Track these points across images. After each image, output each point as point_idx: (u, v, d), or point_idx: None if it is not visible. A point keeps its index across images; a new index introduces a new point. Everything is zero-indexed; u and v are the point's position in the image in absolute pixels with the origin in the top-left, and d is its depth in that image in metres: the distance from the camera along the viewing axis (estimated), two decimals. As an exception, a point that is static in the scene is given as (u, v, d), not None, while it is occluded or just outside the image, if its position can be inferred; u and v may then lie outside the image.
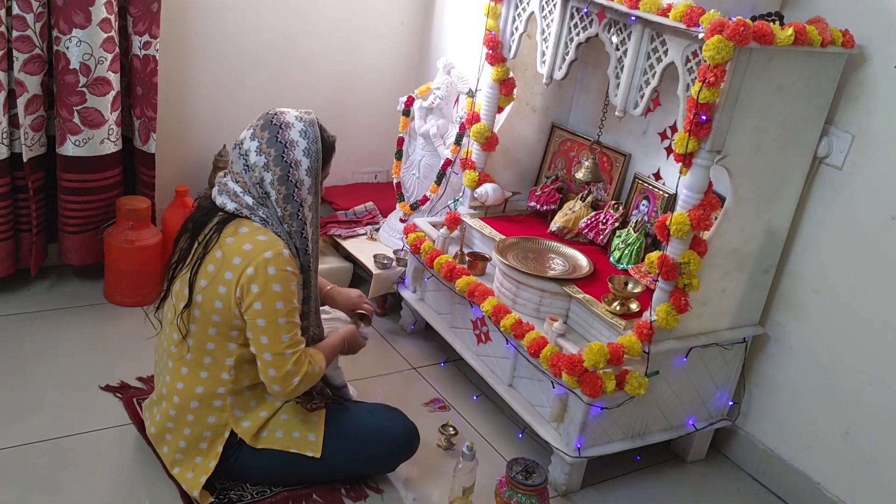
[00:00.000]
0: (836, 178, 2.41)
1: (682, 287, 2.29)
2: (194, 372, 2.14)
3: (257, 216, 2.07)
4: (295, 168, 2.06)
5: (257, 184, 2.07)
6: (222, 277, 2.04)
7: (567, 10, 2.55)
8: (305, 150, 2.07)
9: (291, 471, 2.23)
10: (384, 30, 3.75)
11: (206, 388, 2.14)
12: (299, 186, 2.07)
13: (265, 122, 2.09)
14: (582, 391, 2.29)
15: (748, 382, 2.70)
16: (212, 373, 2.13)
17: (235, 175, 2.11)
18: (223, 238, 2.07)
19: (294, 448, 2.19)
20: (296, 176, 2.07)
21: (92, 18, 2.78)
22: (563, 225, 2.92)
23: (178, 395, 2.15)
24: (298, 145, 2.06)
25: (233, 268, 2.03)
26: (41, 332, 2.84)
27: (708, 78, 2.04)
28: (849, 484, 2.45)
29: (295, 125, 2.08)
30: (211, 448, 2.18)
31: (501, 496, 2.26)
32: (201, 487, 2.14)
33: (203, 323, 2.09)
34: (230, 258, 2.04)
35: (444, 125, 3.32)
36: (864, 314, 2.38)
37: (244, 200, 2.08)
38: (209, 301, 2.06)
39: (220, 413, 2.15)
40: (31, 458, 2.27)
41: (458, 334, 2.85)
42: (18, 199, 2.94)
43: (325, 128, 2.16)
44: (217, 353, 2.12)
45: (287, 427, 2.20)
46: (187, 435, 2.17)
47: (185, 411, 2.15)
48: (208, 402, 2.14)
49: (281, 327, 2.04)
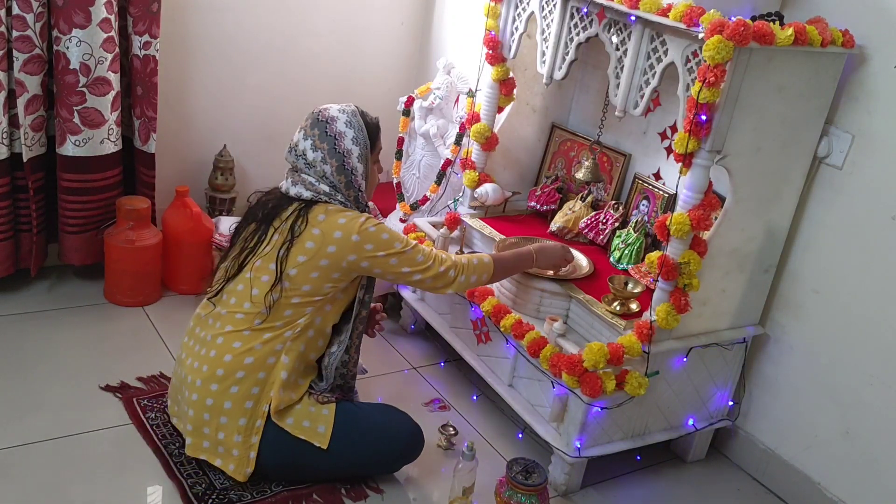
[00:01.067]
0: (836, 178, 2.41)
1: (682, 287, 2.29)
2: (258, 334, 2.20)
3: (336, 200, 2.24)
4: (348, 157, 2.24)
5: (323, 176, 2.24)
6: (324, 251, 2.18)
7: (567, 10, 2.55)
8: (354, 138, 2.25)
9: (298, 461, 2.25)
10: (384, 30, 3.75)
11: (265, 346, 2.20)
12: (355, 173, 2.26)
13: (312, 120, 2.27)
14: (582, 391, 2.29)
15: (748, 382, 2.70)
16: (276, 333, 2.21)
17: (301, 173, 2.26)
18: (313, 218, 2.21)
19: (304, 436, 2.22)
20: (350, 164, 2.25)
21: (92, 18, 2.78)
22: (563, 225, 2.92)
23: (231, 353, 2.19)
24: (346, 136, 2.25)
25: (335, 241, 2.18)
26: (41, 332, 2.85)
27: (708, 78, 2.04)
28: (849, 484, 2.45)
29: (339, 118, 2.26)
30: (250, 423, 2.20)
31: (501, 496, 2.26)
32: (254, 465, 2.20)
33: (289, 293, 2.20)
34: (330, 233, 2.18)
35: (444, 125, 3.32)
36: (864, 314, 2.38)
37: (320, 188, 2.24)
38: (305, 273, 2.19)
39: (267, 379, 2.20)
40: (31, 458, 2.27)
41: (458, 334, 2.85)
42: (18, 199, 2.94)
43: (366, 112, 2.33)
44: (292, 317, 2.23)
45: (299, 415, 2.23)
46: (234, 393, 2.19)
47: (237, 368, 2.19)
48: (263, 359, 2.19)
49: (409, 254, 2.25)
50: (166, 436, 2.40)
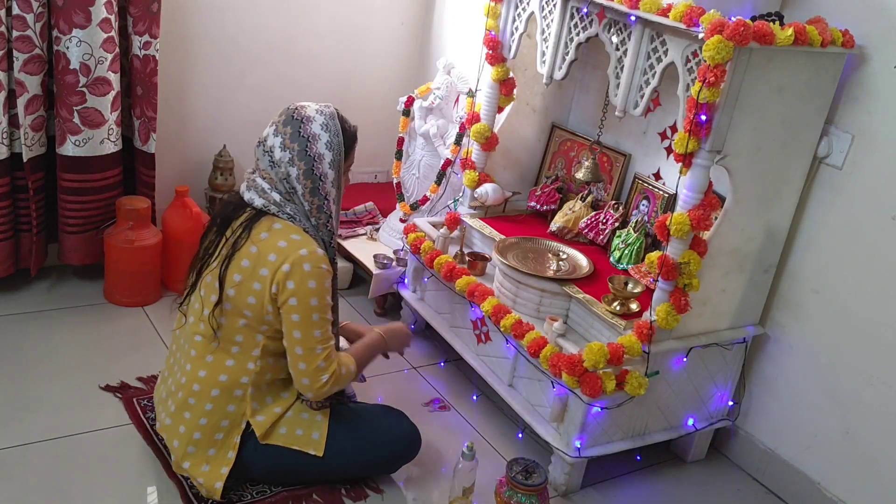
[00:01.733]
0: (836, 178, 2.41)
1: (682, 287, 2.29)
2: (220, 360, 2.16)
3: (285, 212, 2.10)
4: (318, 162, 2.10)
5: (284, 179, 2.10)
6: (257, 273, 2.06)
7: (567, 10, 2.55)
8: (328, 143, 2.11)
9: (293, 468, 2.23)
10: (384, 30, 3.75)
11: (229, 377, 2.15)
12: (324, 180, 2.11)
13: (287, 117, 2.12)
14: (582, 391, 2.29)
15: (748, 382, 2.70)
16: (238, 361, 2.15)
17: (262, 172, 2.14)
18: (256, 234, 2.09)
19: (297, 446, 2.19)
20: (320, 169, 2.10)
21: (92, 18, 2.78)
22: (563, 225, 2.92)
23: (199, 382, 2.15)
24: (321, 139, 2.10)
25: (268, 264, 2.05)
26: (41, 332, 2.84)
27: (708, 78, 2.04)
28: (849, 484, 2.45)
29: (316, 119, 2.12)
30: (227, 439, 2.17)
31: (501, 496, 2.26)
32: (224, 479, 2.14)
33: (234, 315, 2.12)
34: (265, 254, 2.06)
35: (444, 125, 3.32)
36: (864, 314, 2.38)
37: (272, 197, 2.11)
38: (242, 295, 2.09)
39: (240, 402, 2.16)
40: (31, 458, 2.27)
41: (458, 334, 2.85)
42: (18, 199, 2.94)
43: (346, 118, 2.20)
44: (245, 344, 2.14)
45: (291, 424, 2.20)
46: (203, 425, 2.16)
47: (205, 400, 2.15)
48: (230, 390, 2.15)
49: (314, 323, 2.07)
50: (166, 436, 2.40)
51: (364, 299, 3.33)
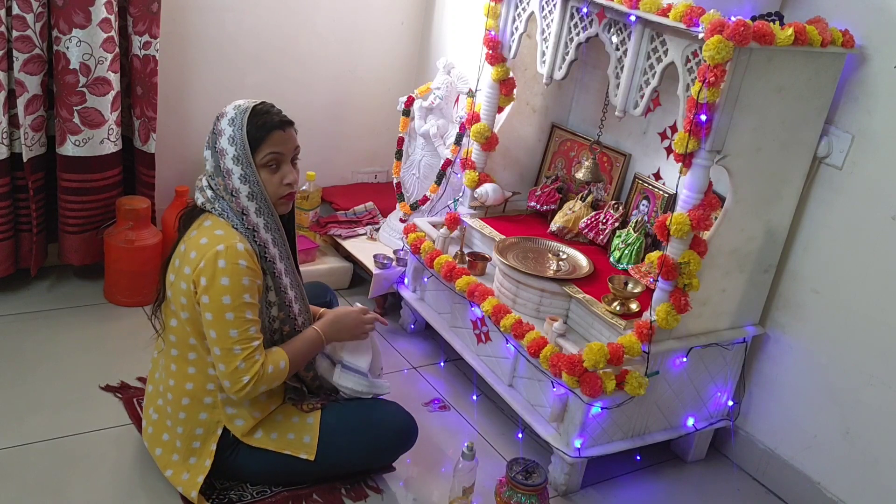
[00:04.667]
0: (836, 178, 2.41)
1: (682, 287, 2.29)
2: (182, 369, 2.15)
3: (215, 209, 2.08)
4: (222, 156, 2.06)
5: (210, 175, 2.10)
6: (182, 272, 2.05)
7: (567, 10, 2.55)
8: (230, 137, 2.05)
9: (288, 471, 2.23)
10: (384, 30, 3.75)
11: (195, 385, 2.14)
12: (229, 175, 2.05)
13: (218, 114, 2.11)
14: (582, 391, 2.29)
15: (748, 382, 2.70)
16: (199, 369, 2.14)
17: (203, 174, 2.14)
18: (189, 232, 2.09)
19: (288, 450, 2.18)
20: (224, 165, 2.06)
21: (92, 18, 2.78)
22: (563, 225, 2.92)
23: (170, 392, 2.16)
24: (224, 133, 2.06)
25: (189, 262, 2.03)
26: (41, 332, 2.84)
27: (708, 78, 2.05)
28: (849, 484, 2.45)
29: (228, 113, 2.09)
30: (204, 447, 2.17)
31: (501, 496, 2.26)
32: (199, 488, 2.13)
33: (181, 321, 2.11)
34: (189, 252, 2.05)
35: (444, 125, 3.32)
36: (864, 314, 2.38)
37: (206, 193, 2.10)
38: (176, 297, 2.08)
39: (212, 410, 2.15)
40: (31, 458, 2.27)
41: (458, 334, 2.85)
42: (18, 199, 2.94)
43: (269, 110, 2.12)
44: (199, 351, 2.12)
45: (282, 428, 2.19)
46: (181, 434, 2.16)
47: (178, 409, 2.15)
48: (199, 398, 2.14)
49: (228, 322, 2.01)
50: (166, 436, 2.40)
51: (364, 299, 3.33)
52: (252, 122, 2.07)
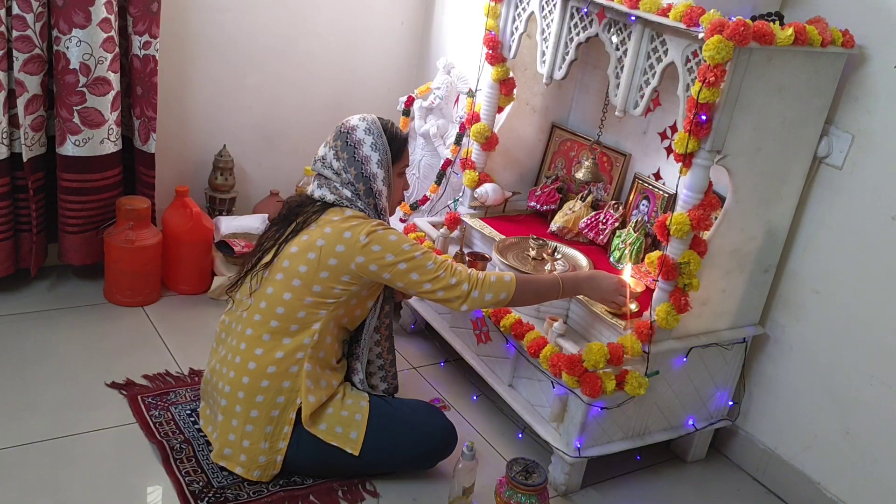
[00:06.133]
0: (836, 178, 2.41)
1: (682, 287, 2.29)
2: (276, 340, 2.22)
3: (356, 206, 2.26)
4: (366, 163, 2.26)
5: (348, 182, 2.27)
6: (332, 250, 2.18)
7: (567, 10, 2.55)
8: (372, 144, 2.27)
9: (330, 463, 2.29)
10: (384, 30, 3.75)
11: (285, 354, 2.21)
12: (374, 179, 2.27)
13: (336, 133, 2.31)
14: (582, 391, 2.29)
15: (748, 382, 2.70)
16: (294, 340, 2.22)
17: (328, 179, 2.29)
18: (328, 218, 2.23)
19: (336, 442, 2.25)
20: (368, 169, 2.26)
21: (92, 18, 2.78)
22: (563, 225, 2.92)
23: (248, 375, 2.21)
24: (365, 142, 2.27)
25: (344, 241, 2.18)
26: (41, 332, 2.84)
27: (708, 78, 2.04)
28: (849, 484, 2.45)
29: (359, 126, 2.29)
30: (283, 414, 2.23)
31: (501, 496, 2.26)
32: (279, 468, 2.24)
33: (300, 294, 2.20)
34: (340, 233, 2.19)
35: (444, 125, 3.32)
36: (864, 314, 2.38)
37: (343, 192, 2.27)
38: (314, 272, 2.19)
39: (291, 388, 2.22)
40: (31, 458, 2.27)
41: (458, 334, 2.85)
42: (18, 199, 2.94)
43: (390, 123, 2.35)
44: (306, 320, 2.22)
45: (331, 421, 2.25)
46: (254, 417, 2.22)
47: (255, 391, 2.21)
48: (280, 379, 2.21)
49: (419, 260, 2.20)
50: (168, 434, 2.40)
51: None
52: (388, 133, 2.31)
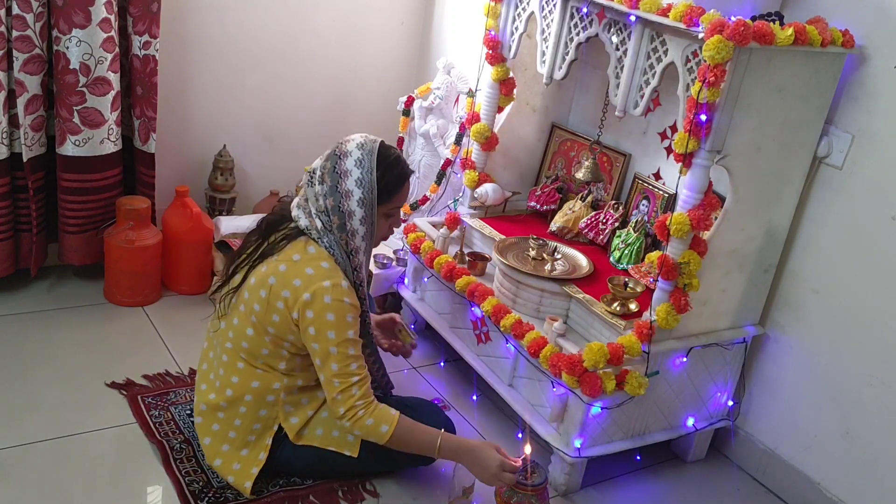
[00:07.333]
0: (836, 178, 2.41)
1: (682, 287, 2.29)
2: (250, 369, 2.18)
3: (323, 242, 2.10)
4: (346, 198, 2.07)
5: (323, 211, 2.10)
6: (279, 293, 2.07)
7: (567, 10, 2.55)
8: (358, 180, 2.07)
9: (329, 466, 2.27)
10: (384, 30, 3.75)
11: (261, 384, 2.18)
12: (351, 217, 2.08)
13: (331, 150, 2.12)
14: (582, 391, 2.29)
15: (748, 382, 2.70)
16: (266, 371, 2.18)
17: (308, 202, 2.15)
18: (290, 252, 2.10)
19: (333, 447, 2.23)
20: (347, 206, 2.08)
21: (92, 18, 2.78)
22: (563, 225, 2.92)
23: (231, 388, 2.19)
24: (351, 175, 2.07)
25: (292, 288, 2.05)
26: (41, 332, 2.84)
27: (708, 78, 2.04)
28: (849, 484, 2.45)
29: (353, 154, 2.08)
30: (259, 440, 2.21)
31: (501, 496, 2.26)
32: (253, 479, 2.18)
33: (259, 331, 2.13)
34: (291, 277, 2.06)
35: (444, 125, 3.32)
36: (863, 314, 2.38)
37: (315, 222, 2.11)
38: (266, 313, 2.10)
39: (272, 407, 2.19)
40: (31, 458, 2.27)
41: (458, 334, 2.85)
42: (18, 199, 2.94)
43: (392, 156, 2.12)
44: (271, 358, 2.16)
45: (327, 425, 2.23)
46: (238, 426, 2.20)
47: (238, 404, 2.19)
48: (262, 396, 2.18)
49: (331, 356, 2.06)
50: (168, 434, 2.40)
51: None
52: (383, 167, 2.09)
